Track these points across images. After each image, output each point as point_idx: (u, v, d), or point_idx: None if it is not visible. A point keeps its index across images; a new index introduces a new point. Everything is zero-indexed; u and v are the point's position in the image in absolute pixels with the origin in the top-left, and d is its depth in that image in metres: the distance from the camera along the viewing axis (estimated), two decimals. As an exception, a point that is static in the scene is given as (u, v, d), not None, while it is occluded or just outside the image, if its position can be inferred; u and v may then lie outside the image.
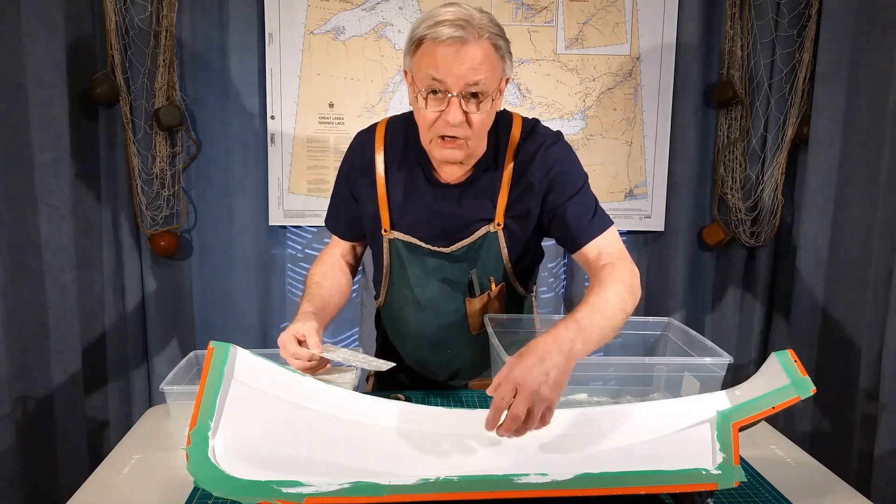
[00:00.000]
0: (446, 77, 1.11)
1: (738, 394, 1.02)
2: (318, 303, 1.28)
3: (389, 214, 1.32)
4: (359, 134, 1.38)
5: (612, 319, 1.08)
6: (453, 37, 1.09)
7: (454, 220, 1.30)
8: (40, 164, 1.86)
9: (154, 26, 2.04)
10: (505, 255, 1.32)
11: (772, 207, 2.26)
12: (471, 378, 1.46)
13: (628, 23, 2.21)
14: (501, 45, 1.14)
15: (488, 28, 1.12)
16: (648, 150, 2.28)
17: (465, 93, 1.13)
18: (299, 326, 1.16)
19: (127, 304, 2.17)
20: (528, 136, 1.29)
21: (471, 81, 1.11)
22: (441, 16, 1.10)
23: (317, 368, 1.18)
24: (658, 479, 0.87)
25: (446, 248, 1.31)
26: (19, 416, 1.81)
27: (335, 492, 0.83)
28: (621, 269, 1.17)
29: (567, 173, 1.27)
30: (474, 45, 1.10)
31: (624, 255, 1.23)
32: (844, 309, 2.01)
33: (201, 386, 0.94)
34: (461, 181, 1.29)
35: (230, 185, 2.18)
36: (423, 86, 1.14)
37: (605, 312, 1.07)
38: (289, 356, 1.14)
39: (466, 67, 1.10)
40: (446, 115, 1.13)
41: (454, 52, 1.10)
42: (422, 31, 1.12)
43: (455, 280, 1.34)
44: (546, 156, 1.27)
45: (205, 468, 0.84)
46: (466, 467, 0.91)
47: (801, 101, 2.18)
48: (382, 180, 1.31)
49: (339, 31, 2.15)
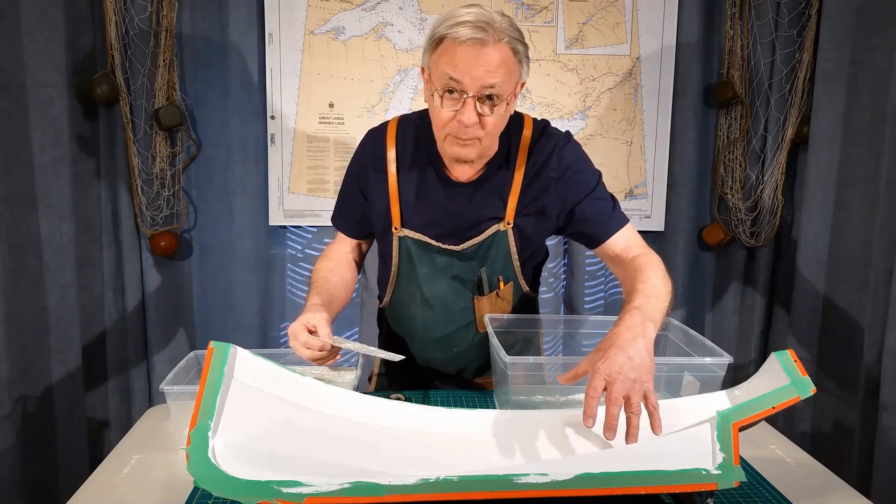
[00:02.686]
0: (464, 78, 1.12)
1: (738, 394, 1.02)
2: (326, 296, 1.28)
3: (401, 212, 1.32)
4: (370, 131, 1.38)
5: (664, 301, 1.12)
6: (473, 38, 1.09)
7: (465, 218, 1.31)
8: (40, 164, 1.86)
9: (154, 26, 2.04)
10: (514, 253, 1.33)
11: (772, 207, 2.26)
12: (475, 377, 1.47)
13: (628, 23, 2.21)
14: (520, 50, 1.15)
15: (508, 32, 1.12)
16: (648, 150, 2.28)
17: (480, 94, 1.13)
18: (310, 317, 1.16)
19: (127, 304, 2.17)
20: (541, 136, 1.30)
21: (487, 84, 1.12)
22: (462, 16, 1.11)
23: (327, 358, 1.17)
24: (658, 479, 0.87)
25: (457, 247, 1.32)
26: (19, 416, 1.81)
27: (335, 492, 0.83)
28: (653, 258, 1.22)
29: (583, 172, 1.30)
30: (493, 47, 1.11)
31: (648, 247, 1.27)
32: (844, 309, 2.01)
33: (201, 386, 0.94)
34: (473, 179, 1.30)
35: (230, 185, 2.18)
36: (440, 84, 1.15)
37: (658, 295, 1.11)
38: (299, 345, 1.14)
39: (484, 70, 1.11)
40: (461, 115, 1.14)
41: (473, 54, 1.10)
42: (442, 30, 1.12)
43: (464, 278, 1.35)
44: (562, 156, 1.29)
45: (205, 468, 0.84)
46: (466, 467, 0.91)
47: (801, 101, 2.18)
48: (394, 178, 1.32)
49: (339, 31, 2.15)
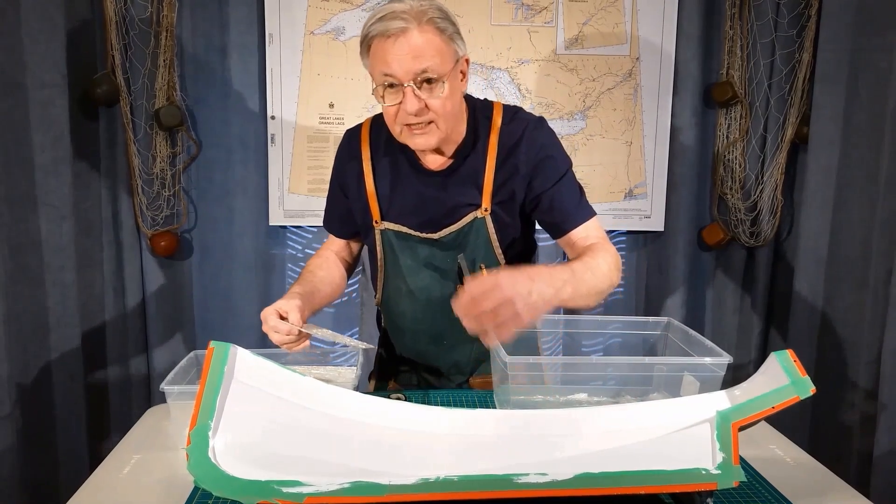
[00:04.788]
0: (396, 70, 1.14)
1: (738, 394, 1.02)
2: (308, 287, 1.30)
3: (379, 205, 1.34)
4: (347, 132, 1.41)
5: (601, 282, 1.15)
6: (395, 28, 1.12)
7: (441, 205, 1.31)
8: (40, 164, 1.86)
9: (154, 26, 2.04)
10: (495, 241, 1.33)
11: (772, 207, 2.26)
12: (472, 373, 1.46)
13: (628, 23, 2.21)
14: (446, 28, 1.16)
15: (429, 13, 1.14)
16: (648, 150, 2.28)
17: (416, 80, 1.15)
18: (283, 303, 1.19)
19: (127, 304, 2.17)
20: (511, 120, 1.31)
21: (419, 69, 1.14)
22: (381, 11, 1.14)
23: (295, 344, 1.19)
24: (658, 479, 0.87)
25: (434, 235, 1.32)
26: (19, 416, 1.81)
27: (335, 492, 0.83)
28: (609, 248, 1.25)
29: (553, 158, 1.30)
30: (416, 32, 1.13)
31: (608, 241, 1.28)
32: (844, 309, 2.01)
33: (201, 386, 0.94)
34: (444, 168, 1.31)
35: (230, 185, 2.19)
36: (379, 82, 1.18)
37: (595, 273, 1.15)
38: (269, 329, 1.16)
39: (411, 56, 1.13)
40: (403, 105, 1.17)
41: (399, 44, 1.13)
42: (367, 30, 1.16)
43: (446, 268, 1.35)
44: (532, 139, 1.29)
45: (205, 468, 0.84)
46: (466, 467, 0.91)
47: (801, 101, 2.18)
48: (370, 173, 1.34)
49: (339, 32, 2.15)
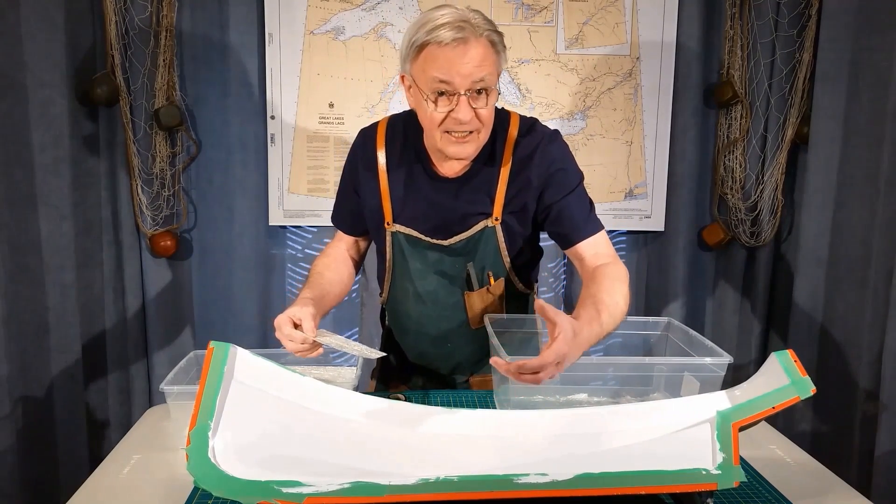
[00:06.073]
0: (453, 78, 1.15)
1: (738, 394, 1.02)
2: (318, 291, 1.30)
3: (392, 208, 1.35)
4: (361, 131, 1.42)
5: (617, 322, 1.18)
6: (456, 38, 1.13)
7: (452, 212, 1.32)
8: (40, 164, 1.86)
9: (154, 26, 2.04)
10: (504, 250, 1.34)
11: (772, 207, 2.25)
12: (472, 373, 1.48)
13: (628, 23, 2.21)
14: (497, 41, 1.19)
15: (484, 26, 1.17)
16: (648, 150, 2.28)
17: (472, 90, 1.17)
18: (296, 310, 1.18)
19: (127, 304, 2.17)
20: (528, 133, 1.32)
21: (477, 79, 1.16)
22: (438, 20, 1.14)
23: (309, 351, 1.19)
24: (658, 479, 0.87)
25: (445, 241, 1.33)
26: (19, 416, 1.81)
27: (335, 492, 0.83)
28: (621, 271, 1.25)
29: (565, 171, 1.31)
30: (475, 43, 1.15)
31: (618, 258, 1.30)
32: (844, 309, 2.01)
33: (201, 386, 0.94)
34: (459, 175, 1.32)
35: (230, 185, 2.18)
36: (430, 89, 1.18)
37: (615, 315, 1.17)
38: (283, 337, 1.16)
39: (472, 66, 1.15)
40: (456, 113, 1.18)
41: (458, 54, 1.14)
42: (422, 37, 1.15)
43: (454, 274, 1.36)
44: (545, 152, 1.30)
45: (205, 468, 0.84)
46: (466, 467, 0.91)
47: (801, 101, 2.18)
48: (385, 175, 1.35)
49: (339, 31, 2.15)
